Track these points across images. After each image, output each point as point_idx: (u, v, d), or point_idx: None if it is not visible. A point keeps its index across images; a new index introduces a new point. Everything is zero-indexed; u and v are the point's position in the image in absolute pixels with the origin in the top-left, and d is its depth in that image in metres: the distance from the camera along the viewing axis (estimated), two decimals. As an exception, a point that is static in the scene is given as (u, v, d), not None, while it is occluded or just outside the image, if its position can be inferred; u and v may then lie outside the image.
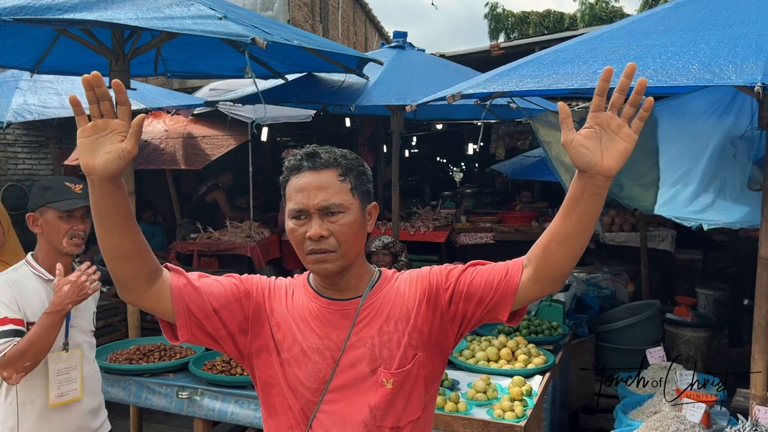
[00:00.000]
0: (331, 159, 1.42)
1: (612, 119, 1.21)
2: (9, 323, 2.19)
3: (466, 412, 2.77)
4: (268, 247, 7.19)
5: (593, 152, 1.21)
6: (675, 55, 1.80)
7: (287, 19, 15.91)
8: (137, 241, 1.32)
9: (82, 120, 1.22)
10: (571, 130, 1.22)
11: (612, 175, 1.22)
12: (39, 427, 2.31)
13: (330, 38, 20.56)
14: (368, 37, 27.02)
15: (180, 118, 6.78)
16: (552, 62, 2.07)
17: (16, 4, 2.39)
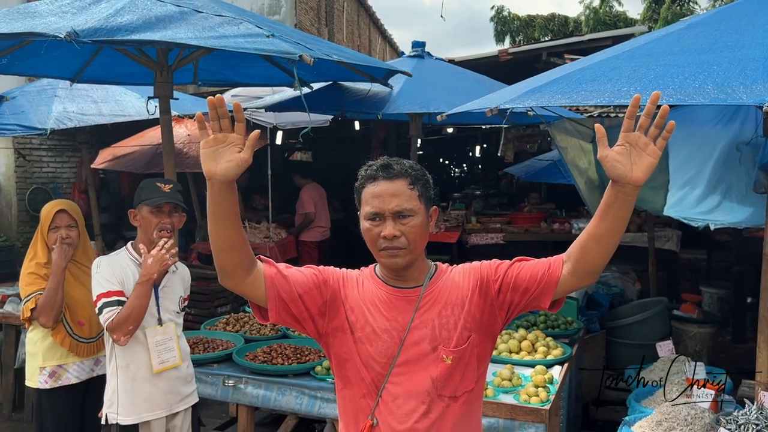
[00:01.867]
0: (403, 170, 1.67)
1: (640, 138, 1.45)
2: (113, 295, 2.65)
3: (494, 398, 3.01)
4: (286, 248, 7.44)
5: (624, 166, 1.46)
6: (692, 76, 2.03)
7: (294, 23, 16.14)
8: (242, 236, 1.56)
9: (205, 134, 1.46)
10: (606, 147, 1.48)
11: (640, 185, 1.48)
12: (134, 388, 2.73)
13: (335, 41, 20.78)
14: (372, 40, 27.26)
15: (202, 123, 7.02)
16: (580, 80, 2.31)
17: (91, 26, 2.63)
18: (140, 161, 6.79)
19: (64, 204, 3.21)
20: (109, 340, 2.75)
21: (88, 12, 2.94)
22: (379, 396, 1.68)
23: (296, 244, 7.90)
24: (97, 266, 2.75)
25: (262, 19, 3.66)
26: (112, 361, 2.77)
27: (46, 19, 2.84)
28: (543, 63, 7.97)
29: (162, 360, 2.79)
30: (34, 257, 3.18)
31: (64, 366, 3.14)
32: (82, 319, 3.14)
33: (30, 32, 2.60)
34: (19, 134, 5.32)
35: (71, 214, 3.16)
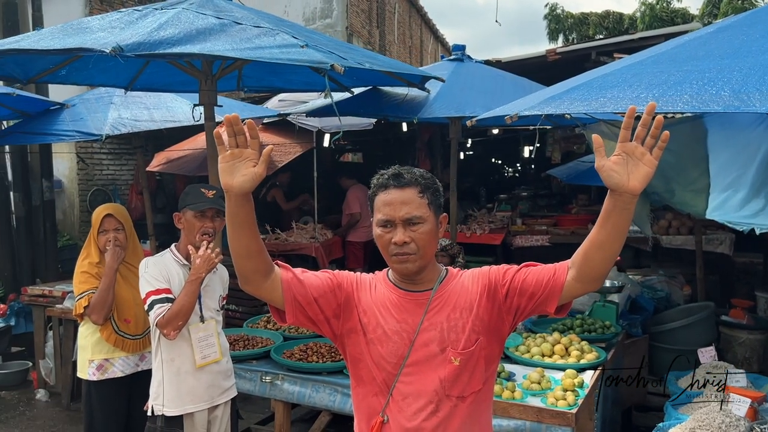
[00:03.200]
0: (413, 179, 1.74)
1: (636, 148, 1.48)
2: (162, 293, 2.83)
3: (521, 400, 3.04)
4: (331, 248, 7.59)
5: (621, 175, 1.49)
6: (710, 82, 2.02)
7: (345, 26, 16.36)
8: (259, 243, 1.66)
9: (223, 149, 1.56)
10: (603, 157, 1.51)
11: (637, 194, 1.50)
12: (178, 381, 2.90)
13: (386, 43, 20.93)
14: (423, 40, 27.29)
15: (251, 126, 7.25)
16: (600, 86, 2.32)
17: (135, 41, 2.81)
18: (192, 164, 7.06)
19: (111, 208, 3.43)
20: (156, 335, 2.92)
21: (134, 27, 3.13)
22: (390, 395, 1.76)
23: (343, 244, 8.05)
24: (145, 266, 2.93)
25: (300, 29, 3.79)
26: (158, 356, 2.94)
27: (96, 34, 3.03)
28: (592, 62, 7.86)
29: (204, 355, 2.95)
30: (87, 257, 3.40)
31: (110, 360, 3.35)
32: (128, 317, 3.34)
33: (80, 48, 2.79)
34: (77, 140, 5.63)
35: (118, 217, 3.37)
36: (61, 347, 5.36)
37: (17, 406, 5.29)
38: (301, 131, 6.93)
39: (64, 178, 8.14)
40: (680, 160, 3.62)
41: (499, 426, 3.01)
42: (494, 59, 7.36)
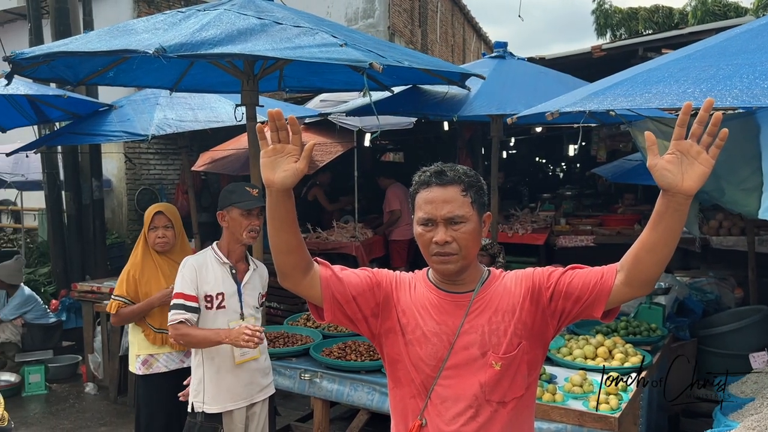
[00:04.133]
0: (456, 176, 1.69)
1: (692, 146, 1.41)
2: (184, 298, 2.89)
3: (562, 403, 2.98)
4: (371, 247, 7.60)
5: (675, 175, 1.42)
6: (762, 75, 1.93)
7: (387, 26, 16.36)
8: (299, 239, 1.65)
9: (264, 144, 1.56)
10: (656, 155, 1.44)
11: (692, 195, 1.43)
12: (218, 379, 2.95)
13: (429, 42, 20.87)
14: (466, 39, 27.11)
15: (294, 126, 7.31)
16: (645, 81, 2.24)
17: (177, 42, 2.86)
18: (236, 164, 7.16)
19: (162, 207, 3.55)
20: None
21: (178, 28, 3.18)
22: (428, 397, 1.73)
23: (385, 243, 8.06)
24: (183, 265, 2.97)
25: (340, 28, 3.79)
26: (198, 353, 2.99)
27: (140, 36, 3.10)
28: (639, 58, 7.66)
29: (243, 352, 2.98)
30: (133, 257, 3.52)
31: (155, 356, 3.45)
32: None
33: (124, 49, 2.86)
34: (124, 140, 5.77)
35: (168, 215, 3.48)
36: (109, 342, 5.51)
37: (67, 398, 5.47)
38: (342, 131, 6.96)
39: (113, 177, 8.36)
40: (730, 157, 3.48)
41: (539, 429, 2.96)
42: (538, 56, 7.25)
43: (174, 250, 3.51)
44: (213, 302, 2.94)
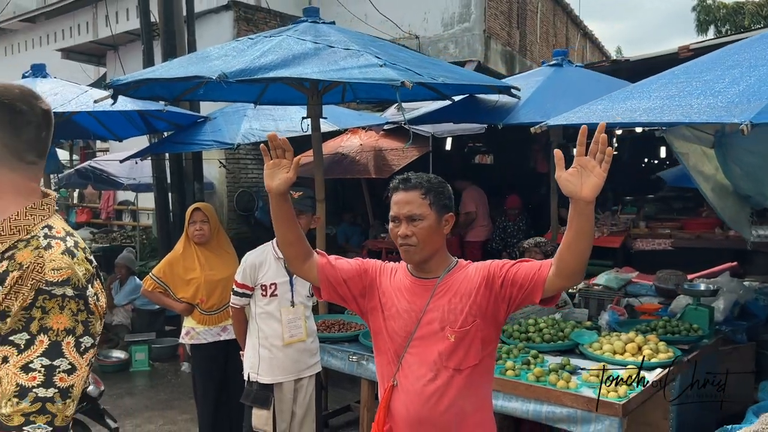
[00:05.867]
0: (418, 183, 2.09)
1: (589, 161, 1.73)
2: (242, 287, 3.47)
3: (575, 390, 3.22)
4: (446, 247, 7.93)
5: (575, 185, 1.74)
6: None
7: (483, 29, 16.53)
8: (297, 233, 2.11)
9: (267, 158, 2.02)
10: (562, 168, 1.77)
11: (589, 201, 1.75)
12: (271, 356, 3.46)
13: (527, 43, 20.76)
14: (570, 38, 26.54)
15: (372, 133, 7.80)
16: (626, 98, 2.47)
17: (238, 68, 3.39)
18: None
19: (200, 205, 4.22)
20: (251, 315, 3.50)
21: (244, 54, 3.72)
22: (399, 363, 2.12)
23: (459, 244, 8.37)
24: (245, 260, 3.54)
25: (387, 48, 4.20)
26: (255, 331, 3.51)
27: (212, 62, 3.66)
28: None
29: (291, 334, 3.49)
30: (176, 246, 4.24)
31: (195, 329, 4.10)
32: (202, 297, 4.06)
33: (195, 75, 3.43)
34: (215, 148, 6.48)
35: (204, 212, 4.13)
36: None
37: (166, 375, 6.26)
38: (417, 137, 7.36)
39: (215, 180, 9.23)
40: (767, 163, 3.56)
41: (552, 412, 3.23)
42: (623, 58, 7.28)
43: (210, 241, 4.14)
44: (267, 291, 3.47)
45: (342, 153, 7.70)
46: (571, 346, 3.93)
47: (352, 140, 7.97)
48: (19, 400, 1.27)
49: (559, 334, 4.02)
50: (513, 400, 3.35)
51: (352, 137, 8.05)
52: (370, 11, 15.66)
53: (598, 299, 5.25)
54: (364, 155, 7.66)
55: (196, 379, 4.17)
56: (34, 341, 1.30)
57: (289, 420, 3.51)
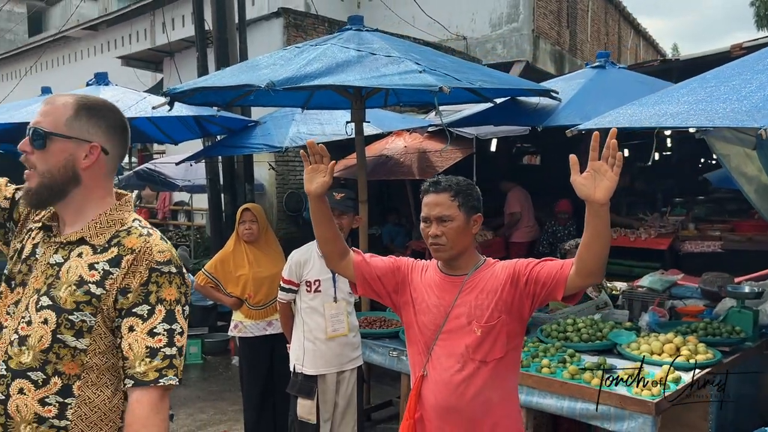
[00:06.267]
0: (447, 185, 2.22)
1: (602, 165, 1.83)
2: (288, 283, 3.68)
3: (609, 388, 3.29)
4: (492, 248, 8.00)
5: (588, 188, 1.85)
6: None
7: (531, 29, 16.48)
8: (334, 232, 2.28)
9: (307, 163, 2.20)
10: (577, 172, 1.88)
11: (603, 203, 1.85)
12: (315, 349, 3.66)
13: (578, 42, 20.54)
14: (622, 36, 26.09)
15: (417, 135, 7.93)
16: (655, 102, 2.53)
17: (285, 76, 3.58)
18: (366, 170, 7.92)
19: (249, 206, 4.49)
20: (297, 309, 3.70)
21: (290, 63, 3.92)
22: (429, 355, 2.25)
23: (504, 244, 8.42)
24: (291, 257, 3.74)
25: (428, 54, 4.34)
26: (300, 325, 3.70)
27: (261, 71, 3.87)
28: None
29: (334, 329, 3.67)
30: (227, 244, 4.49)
31: (243, 322, 4.33)
32: (250, 292, 4.28)
33: (244, 84, 3.64)
34: (264, 152, 6.73)
35: (253, 212, 4.37)
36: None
37: (217, 368, 6.54)
38: (461, 138, 7.46)
39: (265, 182, 9.54)
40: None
41: (586, 409, 3.30)
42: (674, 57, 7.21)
43: (259, 240, 4.38)
44: (312, 287, 3.66)
45: (386, 155, 7.85)
46: (609, 346, 3.98)
47: (396, 142, 8.12)
48: (151, 359, 1.54)
49: (597, 334, 4.07)
50: (548, 397, 3.43)
51: (396, 139, 8.20)
52: (418, 13, 15.81)
53: (642, 301, 5.24)
54: (408, 157, 7.79)
55: (243, 370, 4.40)
56: (154, 311, 1.58)
57: (332, 410, 3.69)
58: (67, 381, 1.56)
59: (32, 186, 1.61)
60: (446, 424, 2.21)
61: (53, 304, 1.57)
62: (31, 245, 1.68)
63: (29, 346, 1.56)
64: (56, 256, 1.62)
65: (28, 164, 1.61)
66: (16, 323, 1.59)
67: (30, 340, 1.56)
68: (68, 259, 1.62)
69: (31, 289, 1.61)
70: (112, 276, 1.59)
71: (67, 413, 1.56)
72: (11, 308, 1.62)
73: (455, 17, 16.71)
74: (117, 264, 1.60)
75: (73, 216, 1.66)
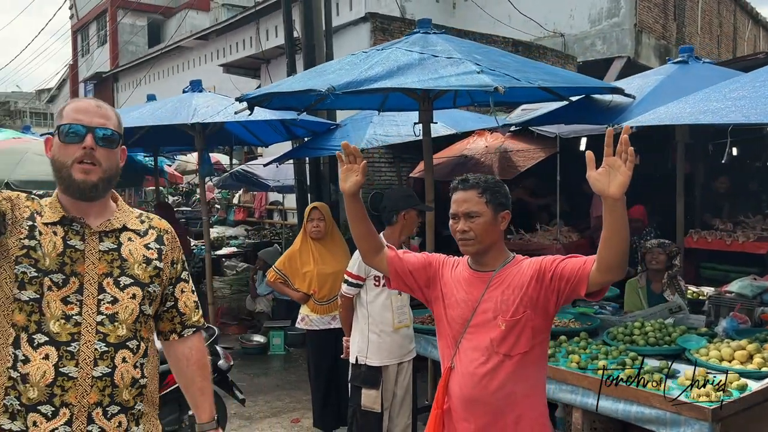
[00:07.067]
0: (475, 182, 2.29)
1: (616, 161, 1.85)
2: (354, 278, 3.81)
3: (668, 392, 3.19)
4: (576, 250, 7.81)
5: (603, 183, 1.87)
6: None
7: (633, 23, 15.89)
8: (368, 229, 2.40)
9: (342, 164, 2.33)
10: (593, 168, 1.89)
11: (617, 198, 1.86)
12: (380, 341, 3.81)
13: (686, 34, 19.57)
14: (738, 27, 24.52)
15: (498, 135, 7.90)
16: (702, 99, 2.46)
17: (346, 81, 3.75)
18: (445, 170, 7.98)
19: (317, 204, 4.72)
20: (361, 303, 3.85)
21: (356, 68, 4.07)
22: (457, 347, 2.33)
23: (590, 246, 8.19)
24: (356, 253, 3.89)
25: (491, 54, 4.36)
26: (363, 318, 3.85)
27: (327, 76, 4.06)
28: None
29: (400, 320, 3.82)
30: (295, 242, 4.72)
31: (309, 316, 4.53)
32: (315, 288, 4.48)
33: (309, 89, 3.84)
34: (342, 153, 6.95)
35: (321, 211, 4.57)
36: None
37: (298, 359, 6.84)
38: (543, 138, 7.37)
39: (351, 183, 9.82)
40: None
41: (641, 413, 3.22)
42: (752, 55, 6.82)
43: (325, 238, 4.55)
44: (380, 281, 3.81)
45: (466, 155, 7.88)
46: (677, 350, 3.85)
47: (477, 142, 8.12)
48: (197, 310, 2.07)
49: (665, 338, 3.95)
50: (603, 399, 3.38)
51: (478, 139, 8.20)
52: (514, 12, 15.65)
53: (729, 307, 4.99)
54: (489, 157, 7.78)
55: (309, 361, 4.62)
56: (187, 275, 2.04)
57: (390, 399, 3.83)
58: (146, 344, 1.89)
59: (93, 179, 1.79)
60: (471, 415, 2.28)
61: (135, 281, 1.85)
62: (59, 240, 1.78)
63: (121, 321, 1.81)
64: (106, 243, 1.83)
65: (91, 159, 1.78)
66: (93, 306, 1.77)
67: (120, 315, 1.81)
68: (121, 244, 1.85)
69: (94, 274, 1.79)
70: (163, 252, 1.95)
71: (145, 372, 1.86)
72: (73, 296, 1.76)
73: (553, 14, 16.39)
74: (162, 242, 1.95)
75: (100, 208, 1.86)
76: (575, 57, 14.70)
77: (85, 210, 1.84)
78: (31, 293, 1.73)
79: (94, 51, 29.68)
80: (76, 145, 1.77)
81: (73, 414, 1.72)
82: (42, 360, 1.71)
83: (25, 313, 1.73)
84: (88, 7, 29.02)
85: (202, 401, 2.04)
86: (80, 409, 1.73)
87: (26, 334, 1.72)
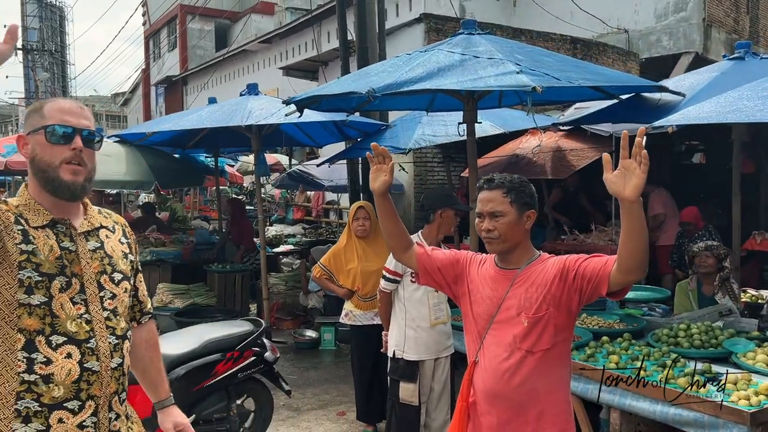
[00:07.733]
0: (501, 182, 2.34)
1: (631, 164, 1.88)
2: (391, 273, 3.92)
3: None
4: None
5: (618, 185, 1.90)
6: None
7: (702, 17, 15.37)
8: (398, 227, 2.50)
9: (372, 164, 2.43)
10: (609, 170, 1.93)
11: (632, 200, 1.89)
12: (417, 336, 3.91)
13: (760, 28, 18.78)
14: (819, 19, 23.23)
15: (551, 134, 7.84)
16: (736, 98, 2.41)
17: (386, 83, 3.84)
18: (496, 169, 7.93)
19: (363, 203, 4.80)
20: (399, 298, 3.94)
21: (397, 70, 4.16)
22: (481, 343, 2.39)
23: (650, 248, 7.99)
24: None
25: (534, 54, 4.36)
26: (403, 313, 3.94)
27: (369, 78, 4.17)
28: None
29: (436, 316, 3.90)
30: (341, 239, 4.84)
31: (353, 312, 4.64)
32: (359, 285, 4.60)
33: (349, 92, 3.95)
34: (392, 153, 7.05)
35: (366, 209, 4.66)
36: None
37: (347, 354, 6.94)
38: (597, 137, 7.26)
39: (404, 182, 9.92)
40: None
41: (679, 415, 3.19)
42: None
43: (370, 236, 4.66)
44: (416, 278, 3.90)
45: (517, 154, 7.85)
46: (724, 354, 3.76)
47: (530, 141, 8.07)
48: (149, 298, 2.23)
49: (711, 341, 3.87)
50: (641, 400, 3.36)
51: (531, 138, 8.14)
52: (576, 10, 15.39)
53: (788, 311, 4.83)
54: (542, 156, 7.72)
55: (353, 356, 4.75)
56: (140, 265, 2.16)
57: (428, 394, 3.91)
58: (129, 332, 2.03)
59: (81, 180, 1.84)
60: (494, 409, 2.33)
61: (124, 276, 1.98)
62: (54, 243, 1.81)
63: (120, 314, 1.94)
64: (91, 242, 1.91)
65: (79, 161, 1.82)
66: (98, 303, 1.86)
67: (119, 309, 1.94)
68: (103, 242, 1.95)
69: (91, 274, 1.86)
70: (131, 245, 2.09)
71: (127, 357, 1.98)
72: (77, 297, 1.82)
73: (617, 10, 16.01)
74: (126, 236, 2.08)
75: (77, 208, 1.92)
76: (637, 54, 14.32)
77: (66, 211, 1.87)
78: (40, 296, 1.75)
79: (165, 55, 30.88)
80: (64, 146, 1.80)
81: (98, 405, 1.83)
82: (65, 359, 1.77)
83: (37, 316, 1.75)
84: (158, 13, 30.25)
85: (161, 380, 2.22)
86: (104, 399, 1.85)
87: (43, 336, 1.75)
